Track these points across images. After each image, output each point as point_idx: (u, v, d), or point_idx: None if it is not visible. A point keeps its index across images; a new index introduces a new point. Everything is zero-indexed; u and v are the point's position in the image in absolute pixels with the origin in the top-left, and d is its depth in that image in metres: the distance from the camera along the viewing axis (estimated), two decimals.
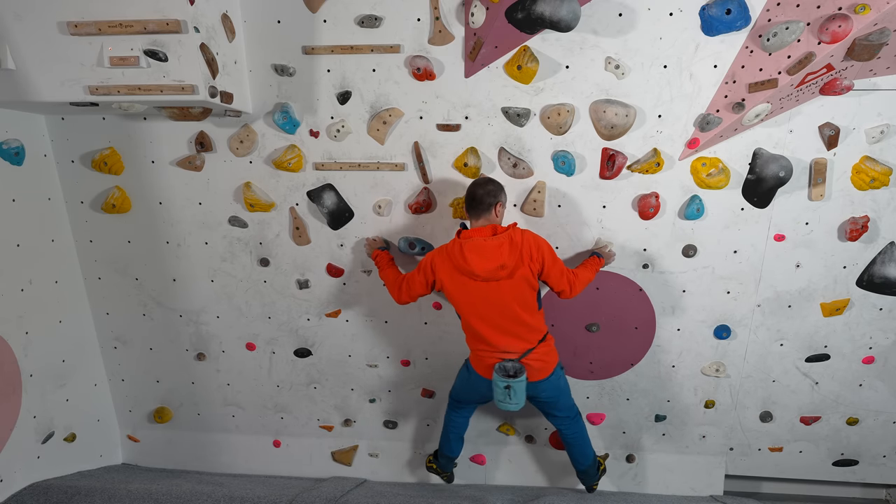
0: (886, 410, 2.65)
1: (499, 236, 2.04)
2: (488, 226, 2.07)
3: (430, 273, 2.15)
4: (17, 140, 2.34)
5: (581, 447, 2.46)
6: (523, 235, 2.07)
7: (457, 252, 2.06)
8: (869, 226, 2.32)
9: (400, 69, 2.28)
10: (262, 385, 2.90)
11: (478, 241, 2.04)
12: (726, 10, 2.03)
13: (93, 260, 2.69)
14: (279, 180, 2.49)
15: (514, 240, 2.04)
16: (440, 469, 2.66)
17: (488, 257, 2.02)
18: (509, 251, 2.02)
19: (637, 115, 2.25)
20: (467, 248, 2.04)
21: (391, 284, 2.30)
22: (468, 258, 2.03)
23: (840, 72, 2.07)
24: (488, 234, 2.05)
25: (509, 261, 2.02)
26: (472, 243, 2.04)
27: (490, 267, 2.02)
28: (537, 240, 2.10)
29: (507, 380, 2.09)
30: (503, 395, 2.11)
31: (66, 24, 1.88)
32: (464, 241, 2.06)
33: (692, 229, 2.41)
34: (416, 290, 2.20)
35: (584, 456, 2.47)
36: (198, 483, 2.71)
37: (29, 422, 2.51)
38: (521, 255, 2.03)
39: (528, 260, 2.04)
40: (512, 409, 2.14)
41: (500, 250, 2.02)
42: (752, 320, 2.54)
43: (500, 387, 2.11)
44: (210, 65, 2.00)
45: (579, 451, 2.46)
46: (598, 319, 2.61)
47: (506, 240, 2.03)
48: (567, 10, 2.03)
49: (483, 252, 2.03)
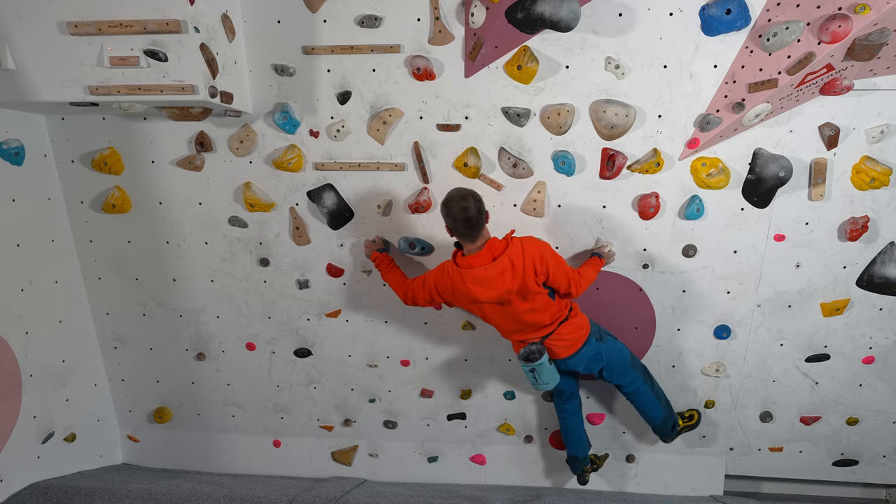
0: (886, 410, 2.65)
1: (499, 261, 1.96)
2: (485, 248, 1.98)
3: (436, 296, 2.16)
4: (17, 140, 2.34)
5: (647, 410, 2.45)
6: (524, 249, 1.99)
7: (458, 281, 2.03)
8: (869, 226, 2.32)
9: (400, 69, 2.28)
10: (262, 385, 2.89)
11: (479, 271, 1.98)
12: (726, 10, 2.03)
13: (93, 260, 2.69)
14: (279, 180, 2.49)
15: (516, 263, 1.97)
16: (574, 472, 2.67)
17: (492, 286, 1.99)
18: (512, 276, 1.98)
19: (637, 115, 2.25)
20: (469, 280, 2.00)
21: (397, 287, 2.32)
22: (472, 289, 2.01)
23: (840, 72, 2.07)
24: (488, 261, 1.98)
25: (513, 285, 1.99)
26: (474, 274, 1.99)
27: (494, 295, 2.01)
28: (539, 247, 2.04)
29: (529, 364, 2.14)
30: (531, 378, 2.20)
31: (66, 24, 1.88)
32: (464, 272, 2.00)
33: (692, 229, 2.41)
34: (422, 303, 2.24)
35: (654, 416, 2.46)
36: (198, 483, 2.71)
37: (29, 422, 2.51)
38: (525, 275, 1.99)
39: (532, 276, 2.00)
40: (545, 389, 2.26)
41: (503, 278, 1.98)
42: (752, 320, 2.54)
43: (526, 371, 2.19)
44: (210, 65, 2.00)
45: (646, 412, 2.46)
46: (598, 319, 2.59)
47: (507, 264, 1.97)
48: (567, 10, 2.03)
49: (486, 282, 1.99)
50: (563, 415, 2.54)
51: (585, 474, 2.65)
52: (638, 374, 2.40)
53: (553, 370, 2.19)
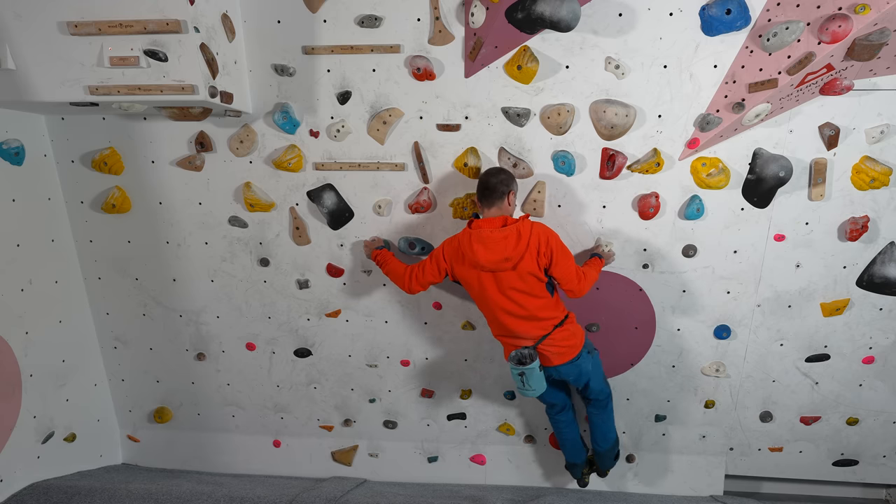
0: (886, 410, 2.65)
1: (507, 228, 2.05)
2: (499, 217, 2.08)
3: (442, 261, 2.19)
4: (17, 140, 2.34)
5: (604, 430, 2.48)
6: (532, 228, 2.06)
7: (465, 242, 2.09)
8: (869, 226, 2.32)
9: (400, 69, 2.28)
10: (262, 385, 2.90)
11: (486, 231, 2.05)
12: (726, 10, 2.03)
13: (93, 260, 2.69)
14: (279, 180, 2.49)
15: (522, 232, 2.04)
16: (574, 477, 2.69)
17: (493, 249, 2.04)
18: (515, 244, 2.03)
19: (637, 115, 2.25)
20: (475, 239, 2.06)
21: (398, 276, 2.29)
22: (475, 249, 2.06)
23: (840, 72, 2.07)
24: (497, 226, 2.06)
25: (514, 253, 2.03)
26: (480, 234, 2.06)
27: (494, 259, 2.04)
28: (547, 232, 2.09)
29: (519, 367, 2.13)
30: (519, 382, 2.17)
31: (66, 24, 1.88)
32: (473, 232, 2.08)
33: (692, 229, 2.41)
34: (428, 277, 2.22)
35: (604, 439, 2.50)
36: (198, 483, 2.71)
37: (29, 422, 2.51)
38: (528, 247, 2.03)
39: (534, 254, 2.04)
40: (531, 396, 2.21)
41: (506, 242, 2.03)
42: (752, 320, 2.54)
43: (515, 374, 2.16)
44: (210, 65, 2.00)
45: (601, 433, 2.49)
46: (598, 319, 2.60)
47: (513, 232, 2.04)
48: (567, 10, 2.03)
49: (489, 244, 2.04)
50: (557, 425, 2.54)
51: (585, 477, 2.67)
52: (609, 392, 2.47)
53: (542, 377, 2.17)
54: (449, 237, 2.22)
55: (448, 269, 2.19)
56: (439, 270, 2.20)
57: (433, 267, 2.20)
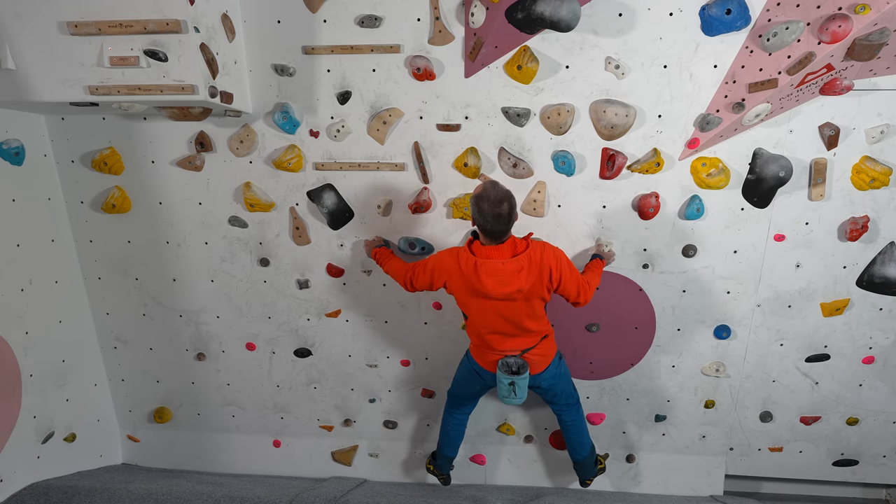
0: (886, 410, 2.65)
1: (518, 258, 1.93)
2: (507, 243, 1.95)
3: (437, 281, 2.09)
4: (17, 140, 2.34)
5: (579, 435, 2.46)
6: (543, 254, 1.97)
7: (471, 271, 1.96)
8: (869, 226, 2.32)
9: (400, 69, 2.28)
10: (262, 385, 2.89)
11: (497, 263, 1.93)
12: (726, 10, 2.03)
13: (93, 260, 2.69)
14: (279, 180, 2.49)
15: (533, 264, 1.94)
16: (438, 470, 2.66)
17: (506, 282, 1.94)
18: (527, 275, 1.94)
19: (637, 115, 2.25)
20: (483, 271, 1.94)
21: (399, 275, 2.25)
22: (484, 281, 1.95)
23: (840, 72, 2.07)
24: (507, 256, 1.94)
25: (526, 285, 1.95)
26: (491, 266, 1.94)
27: (507, 291, 1.96)
28: (556, 254, 2.00)
29: (511, 377, 2.10)
30: (507, 391, 2.13)
31: (66, 24, 1.88)
32: (480, 262, 1.95)
33: (692, 229, 2.41)
34: (418, 285, 2.16)
35: (581, 445, 2.47)
36: (198, 483, 2.71)
37: (29, 422, 2.51)
38: (541, 277, 1.96)
39: (545, 281, 1.98)
40: (515, 404, 2.17)
41: (519, 275, 1.93)
42: (752, 320, 2.54)
43: (505, 383, 2.12)
44: (210, 65, 2.00)
45: (577, 438, 2.46)
46: (598, 319, 2.60)
47: (525, 262, 1.93)
48: (567, 10, 2.03)
49: (500, 276, 1.94)
50: (458, 417, 2.54)
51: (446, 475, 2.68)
52: (578, 398, 2.44)
53: (527, 387, 2.16)
54: (442, 252, 2.11)
55: (441, 287, 2.11)
56: (430, 284, 2.12)
57: (425, 280, 2.11)
